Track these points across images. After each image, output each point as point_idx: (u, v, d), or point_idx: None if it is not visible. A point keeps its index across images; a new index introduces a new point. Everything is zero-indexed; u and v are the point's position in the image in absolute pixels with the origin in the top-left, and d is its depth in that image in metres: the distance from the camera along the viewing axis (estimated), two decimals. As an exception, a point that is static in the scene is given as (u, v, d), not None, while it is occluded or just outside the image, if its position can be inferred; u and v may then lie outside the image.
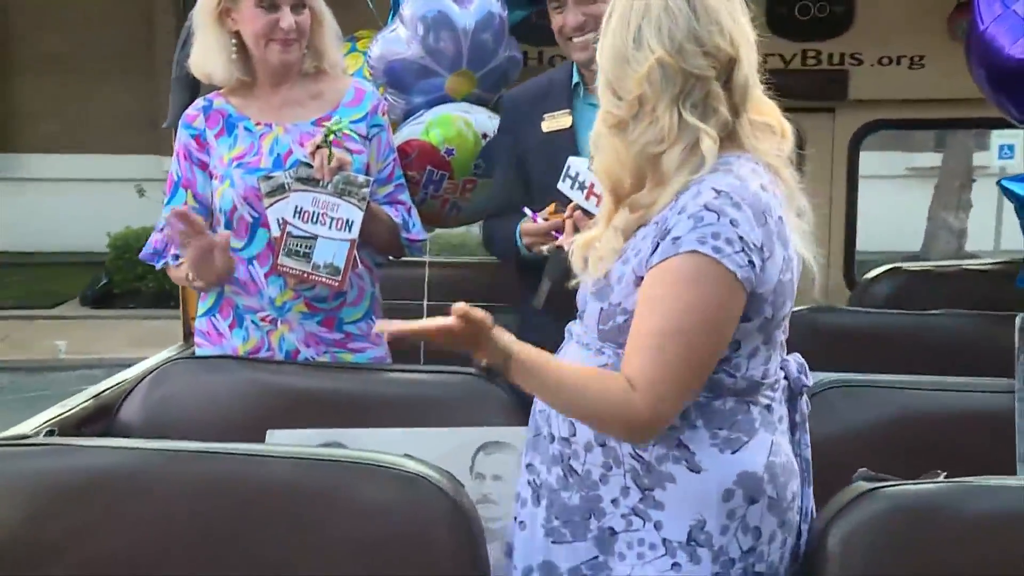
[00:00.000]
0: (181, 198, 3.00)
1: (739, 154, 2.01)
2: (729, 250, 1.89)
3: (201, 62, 2.97)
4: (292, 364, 2.95)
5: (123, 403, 2.84)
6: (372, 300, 3.10)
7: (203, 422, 2.75)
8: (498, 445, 2.69)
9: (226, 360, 2.94)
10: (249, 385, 2.84)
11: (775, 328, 2.04)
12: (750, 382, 2.02)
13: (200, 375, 2.89)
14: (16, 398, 9.54)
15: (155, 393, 2.84)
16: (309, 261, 2.86)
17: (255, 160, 2.94)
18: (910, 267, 4.58)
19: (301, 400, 2.80)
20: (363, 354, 3.04)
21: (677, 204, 1.95)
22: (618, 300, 2.02)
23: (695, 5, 1.96)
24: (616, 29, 2.01)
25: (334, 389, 2.85)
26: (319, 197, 2.84)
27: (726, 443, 2.00)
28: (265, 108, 3.00)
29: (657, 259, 1.93)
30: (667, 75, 1.94)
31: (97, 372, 10.21)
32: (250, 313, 2.99)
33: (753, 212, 1.92)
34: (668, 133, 1.96)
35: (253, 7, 2.87)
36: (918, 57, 4.28)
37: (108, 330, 11.66)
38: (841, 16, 4.25)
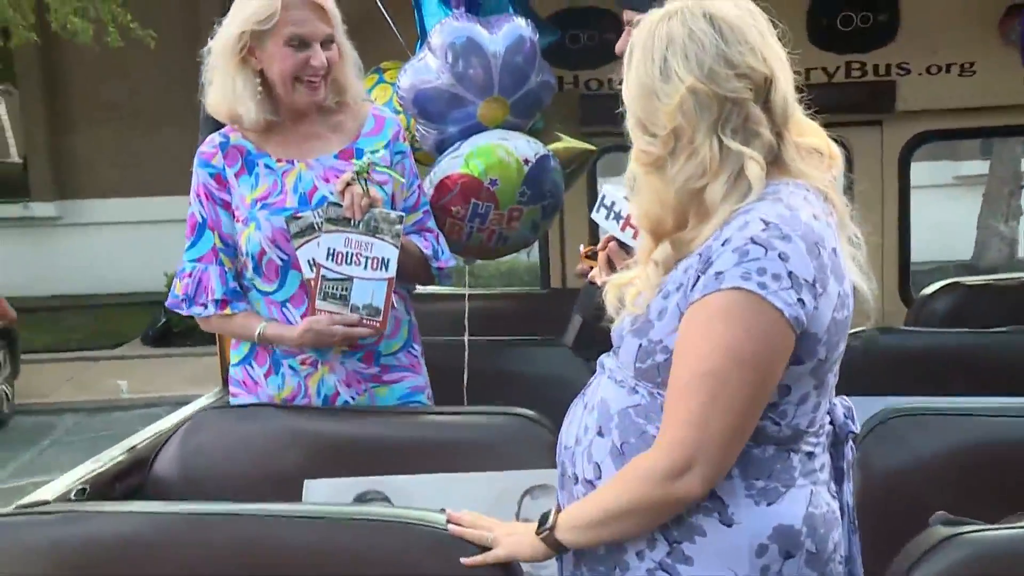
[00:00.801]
0: (208, 240, 2.83)
1: (787, 180, 1.82)
2: (776, 286, 1.71)
3: (226, 104, 2.78)
4: (329, 410, 2.79)
5: (158, 455, 2.72)
6: (410, 328, 2.94)
7: (239, 473, 2.63)
8: (544, 489, 2.50)
9: (261, 408, 2.80)
10: (285, 433, 2.70)
11: (828, 371, 1.84)
12: (795, 430, 1.83)
13: (235, 424, 2.76)
14: (81, 439, 9.49)
15: (190, 444, 2.71)
16: (347, 304, 2.70)
17: (280, 200, 2.77)
18: (969, 282, 4.32)
19: (339, 447, 2.66)
20: (400, 384, 2.88)
21: (721, 234, 1.76)
22: (659, 337, 1.83)
23: (720, 27, 1.79)
24: (640, 63, 1.84)
25: (373, 434, 2.70)
26: (351, 237, 2.68)
27: (762, 494, 1.81)
28: (285, 143, 2.83)
29: (697, 294, 1.76)
30: (701, 103, 1.78)
31: (158, 411, 10.15)
32: (288, 358, 2.83)
33: (805, 245, 1.73)
34: (710, 164, 1.78)
35: (282, 46, 2.70)
36: (968, 64, 4.04)
37: (168, 368, 11.65)
38: (885, 25, 4.02)
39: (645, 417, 1.85)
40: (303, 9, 2.70)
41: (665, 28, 1.81)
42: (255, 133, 2.83)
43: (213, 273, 2.81)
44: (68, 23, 10.93)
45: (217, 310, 2.81)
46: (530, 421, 2.64)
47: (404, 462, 2.57)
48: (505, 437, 2.64)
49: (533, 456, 2.55)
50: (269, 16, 2.67)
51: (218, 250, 2.82)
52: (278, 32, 2.69)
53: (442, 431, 2.71)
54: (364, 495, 2.54)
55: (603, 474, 1.88)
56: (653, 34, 1.82)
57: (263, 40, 2.71)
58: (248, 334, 2.82)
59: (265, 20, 2.67)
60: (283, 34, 2.69)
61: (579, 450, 1.93)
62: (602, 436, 1.89)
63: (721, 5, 1.82)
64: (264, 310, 2.82)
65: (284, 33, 2.69)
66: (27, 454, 8.99)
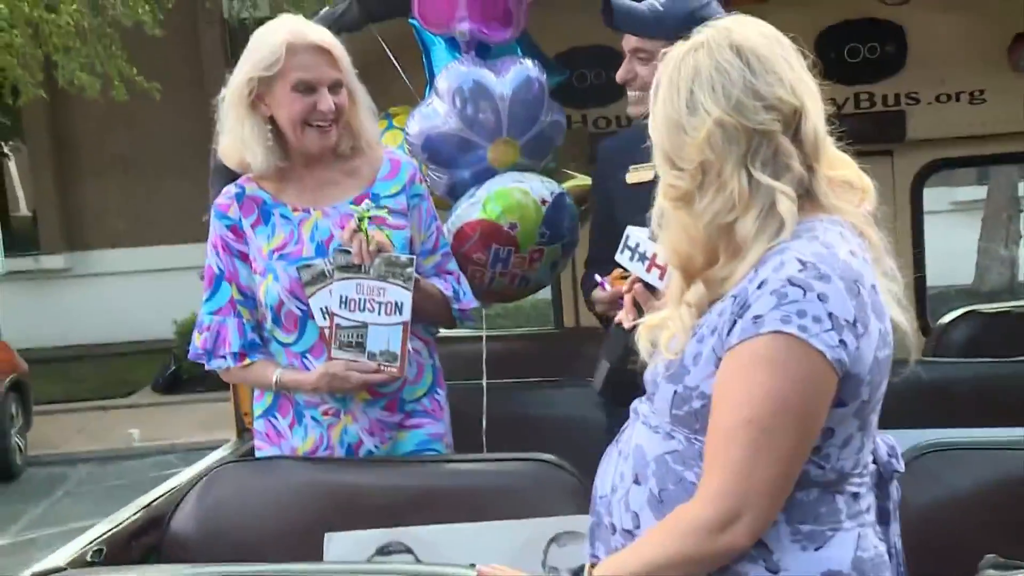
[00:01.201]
0: (226, 292, 2.75)
1: (821, 216, 1.73)
2: (817, 328, 1.62)
3: (236, 151, 2.73)
4: (349, 461, 2.70)
5: (175, 512, 2.62)
6: (434, 373, 2.84)
7: (259, 528, 2.54)
8: (571, 535, 2.41)
9: (279, 461, 2.71)
10: (305, 486, 2.61)
11: (871, 412, 1.76)
12: (840, 473, 1.75)
13: (253, 478, 2.66)
14: (94, 489, 9.40)
15: (207, 500, 2.61)
16: (363, 351, 2.62)
17: (297, 250, 2.70)
18: (987, 309, 4.24)
19: (360, 499, 2.56)
20: (419, 430, 2.78)
21: (756, 276, 1.68)
22: (695, 383, 1.74)
23: (747, 58, 1.72)
24: (666, 97, 1.77)
25: (394, 485, 2.61)
26: (363, 283, 2.60)
27: (809, 539, 1.72)
28: (301, 191, 2.75)
29: (736, 339, 1.67)
30: (728, 136, 1.70)
31: (171, 458, 10.13)
32: (310, 409, 2.74)
33: (844, 284, 1.65)
34: (739, 198, 1.70)
35: (289, 91, 2.63)
36: (978, 92, 3.97)
37: (179, 415, 11.55)
38: (893, 56, 3.95)
39: (683, 463, 1.76)
40: (309, 54, 2.64)
41: (692, 60, 1.75)
42: (271, 183, 2.77)
43: (231, 326, 2.74)
44: (75, 79, 10.93)
45: (236, 363, 2.74)
46: (553, 466, 2.55)
47: (426, 512, 2.47)
48: (528, 484, 2.55)
49: (558, 502, 2.47)
50: (274, 62, 2.61)
51: (236, 302, 2.75)
52: (284, 77, 2.63)
53: (464, 479, 2.62)
54: (387, 547, 2.45)
55: (642, 523, 1.79)
56: (679, 67, 1.76)
57: (271, 86, 2.64)
58: (266, 382, 2.74)
59: (271, 66, 2.61)
60: (289, 79, 2.63)
61: (615, 499, 1.84)
62: (639, 484, 1.81)
63: (748, 35, 1.75)
64: (284, 361, 2.74)
65: (290, 79, 2.62)
66: (40, 506, 8.87)
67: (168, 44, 12.36)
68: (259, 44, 2.66)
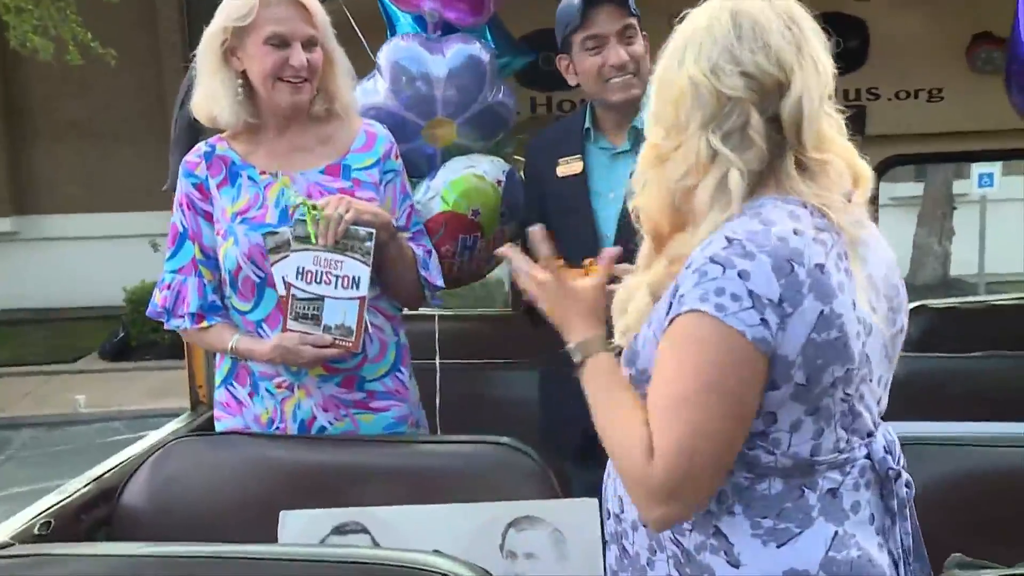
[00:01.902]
0: (189, 251, 2.65)
1: (777, 197, 1.65)
2: (735, 307, 1.54)
3: (206, 105, 2.61)
4: (305, 438, 2.60)
5: (126, 486, 2.51)
6: (398, 351, 2.73)
7: (212, 505, 2.44)
8: (530, 520, 2.35)
9: (233, 436, 2.61)
10: (260, 462, 2.51)
11: (823, 396, 1.62)
12: (797, 460, 1.64)
13: (206, 453, 2.57)
14: (38, 453, 9.18)
15: (159, 474, 2.51)
16: (319, 324, 2.52)
17: (260, 215, 2.59)
18: (937, 304, 4.22)
19: (316, 477, 2.48)
20: (386, 413, 2.68)
21: (693, 256, 1.61)
22: (644, 366, 1.69)
23: (740, 23, 1.64)
24: (666, 55, 1.71)
25: (351, 464, 2.52)
26: (320, 255, 2.50)
27: (770, 535, 1.64)
28: (271, 154, 2.64)
29: (667, 320, 1.62)
30: (700, 96, 1.63)
31: (116, 424, 9.96)
32: (264, 380, 2.64)
33: (773, 261, 1.55)
34: (697, 162, 1.63)
35: (261, 44, 2.52)
36: (937, 90, 3.96)
37: (127, 383, 11.33)
38: (855, 51, 3.91)
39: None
40: (283, 7, 2.53)
41: (692, 21, 1.70)
42: (242, 144, 2.65)
43: (191, 285, 2.64)
44: (28, 40, 10.63)
45: (193, 324, 2.64)
46: (513, 450, 2.48)
47: (384, 492, 2.40)
48: (488, 466, 2.48)
49: (517, 485, 2.41)
50: (247, 12, 2.50)
51: (198, 262, 2.64)
52: (257, 30, 2.52)
53: (423, 460, 2.54)
54: (343, 527, 2.37)
55: (624, 508, 1.76)
56: (682, 29, 1.70)
57: (243, 38, 2.53)
58: (222, 347, 2.65)
59: (243, 16, 2.50)
60: (262, 32, 2.52)
61: (609, 483, 1.82)
62: None
63: (755, 3, 1.67)
64: (242, 329, 2.65)
65: (263, 31, 2.52)
66: (-17, 470, 8.68)
67: (124, 10, 12.08)
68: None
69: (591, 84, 2.84)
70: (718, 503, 1.65)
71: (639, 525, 1.74)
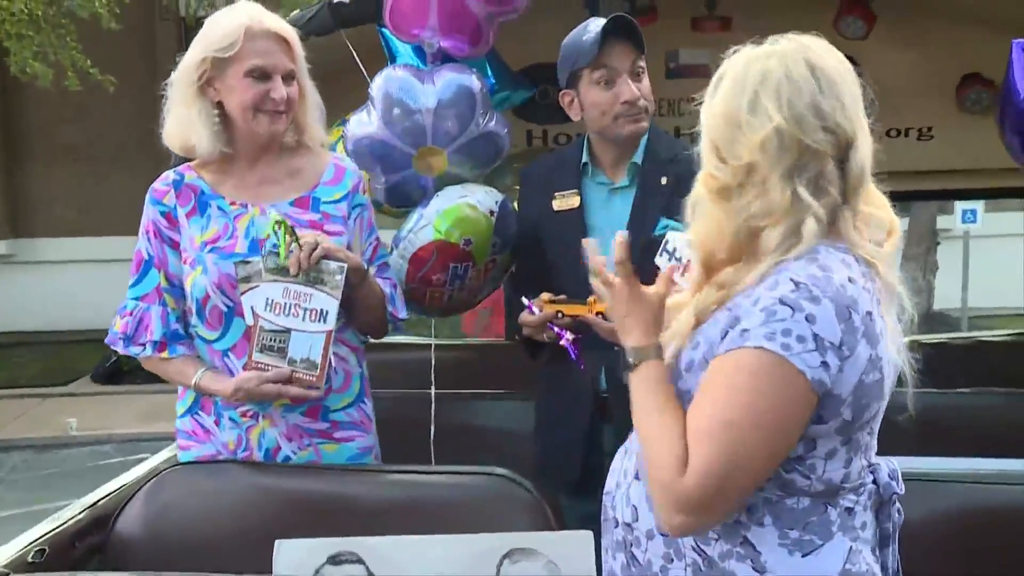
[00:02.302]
0: (154, 279, 2.62)
1: (830, 245, 1.72)
2: (800, 348, 1.63)
3: (181, 134, 2.59)
4: (300, 467, 2.58)
5: (120, 513, 2.48)
6: (362, 382, 2.72)
7: (206, 534, 2.42)
8: (525, 552, 2.31)
9: (229, 464, 2.58)
10: (255, 491, 2.49)
11: (858, 430, 1.75)
12: (828, 485, 1.75)
13: (201, 481, 2.54)
14: (29, 476, 9.06)
15: (154, 502, 2.48)
16: (284, 356, 2.50)
17: (230, 244, 2.57)
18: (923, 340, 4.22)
19: (312, 506, 2.45)
20: (350, 443, 2.67)
21: (754, 292, 1.68)
22: (686, 388, 1.77)
23: (819, 77, 1.72)
24: (729, 91, 1.76)
25: (347, 493, 2.50)
26: (290, 287, 2.49)
27: (796, 545, 1.73)
28: (241, 186, 2.63)
29: (723, 349, 1.69)
30: (783, 145, 1.70)
31: (107, 448, 9.85)
32: (228, 410, 2.62)
33: (835, 307, 1.64)
34: (778, 207, 1.71)
35: (242, 76, 2.51)
36: (927, 128, 3.98)
37: (118, 406, 11.22)
38: None
39: None
40: (267, 40, 2.53)
41: (762, 65, 1.75)
42: (211, 173, 2.64)
43: (155, 313, 2.61)
44: (28, 67, 10.61)
45: (154, 352, 2.61)
46: (508, 480, 2.46)
47: (379, 522, 2.36)
48: (483, 497, 2.46)
49: (512, 517, 2.38)
50: (231, 43, 2.49)
51: (162, 290, 2.62)
52: (239, 62, 2.51)
53: (418, 490, 2.52)
54: (338, 556, 2.33)
55: (639, 517, 1.83)
56: (748, 67, 1.76)
57: (223, 69, 2.52)
58: (185, 382, 2.62)
59: (226, 48, 2.49)
60: (244, 64, 2.51)
61: (619, 494, 1.88)
62: (639, 479, 1.85)
63: (824, 56, 1.75)
64: (206, 358, 2.62)
65: (246, 64, 2.51)
66: (-27, 492, 8.58)
67: (123, 37, 12.09)
68: (216, 26, 2.54)
69: (599, 119, 2.82)
70: (748, 514, 1.73)
71: (655, 534, 1.80)
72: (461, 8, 2.95)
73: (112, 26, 10.92)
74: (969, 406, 3.15)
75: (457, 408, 3.21)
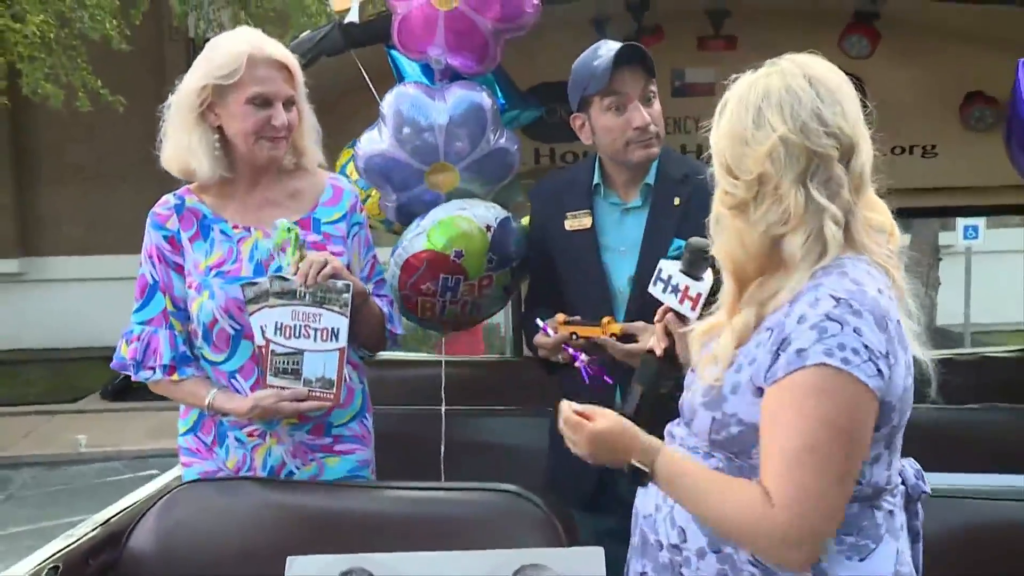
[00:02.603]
0: (160, 303, 2.63)
1: (850, 255, 1.77)
2: (857, 360, 1.69)
3: (181, 159, 2.60)
4: (312, 484, 2.58)
5: (133, 530, 2.48)
6: (363, 397, 2.74)
7: (218, 550, 2.41)
8: (535, 568, 2.30)
9: (241, 481, 2.58)
10: (267, 508, 2.48)
11: (898, 433, 1.85)
12: (875, 488, 1.83)
13: (214, 498, 2.53)
14: (38, 493, 9.05)
15: (167, 519, 2.48)
16: (299, 378, 2.51)
17: (235, 268, 2.58)
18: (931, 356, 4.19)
19: (323, 523, 2.45)
20: (351, 456, 2.68)
21: (792, 311, 1.72)
22: (732, 411, 1.82)
23: (817, 87, 1.79)
24: (734, 112, 1.84)
25: (357, 510, 2.49)
26: (298, 309, 2.50)
27: (853, 550, 1.80)
28: (243, 209, 2.64)
29: (781, 372, 1.73)
30: (790, 153, 1.76)
31: (116, 464, 9.85)
32: (234, 430, 2.62)
33: (875, 319, 1.69)
34: (794, 213, 1.77)
35: (243, 103, 2.52)
36: (931, 146, 3.98)
37: (126, 423, 11.19)
38: None
39: None
40: (268, 68, 2.54)
41: (763, 83, 1.82)
42: (212, 196, 2.64)
43: (163, 337, 2.62)
44: (39, 87, 10.66)
45: (165, 375, 2.61)
46: (519, 498, 2.46)
47: (390, 538, 2.37)
48: (493, 514, 2.46)
49: (522, 533, 2.38)
50: (233, 71, 2.50)
51: (168, 313, 2.63)
52: (241, 89, 2.52)
53: (429, 507, 2.51)
54: (349, 572, 2.32)
55: (688, 537, 1.86)
56: (751, 87, 1.83)
57: (224, 96, 2.53)
58: (197, 403, 2.61)
59: (228, 75, 2.50)
60: (246, 92, 2.52)
61: (660, 517, 1.90)
62: None
63: (822, 69, 1.82)
64: (212, 379, 2.63)
65: (247, 91, 2.52)
66: (-18, 508, 8.57)
67: (133, 59, 12.14)
68: (217, 52, 2.54)
69: (611, 144, 2.81)
70: None
71: (707, 551, 1.83)
72: (468, 26, 2.96)
73: (122, 47, 10.97)
74: (974, 422, 3.14)
75: (467, 425, 3.21)
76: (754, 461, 1.81)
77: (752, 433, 1.79)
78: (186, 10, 12.45)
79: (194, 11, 12.76)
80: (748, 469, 1.83)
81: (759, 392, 1.77)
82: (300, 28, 11.32)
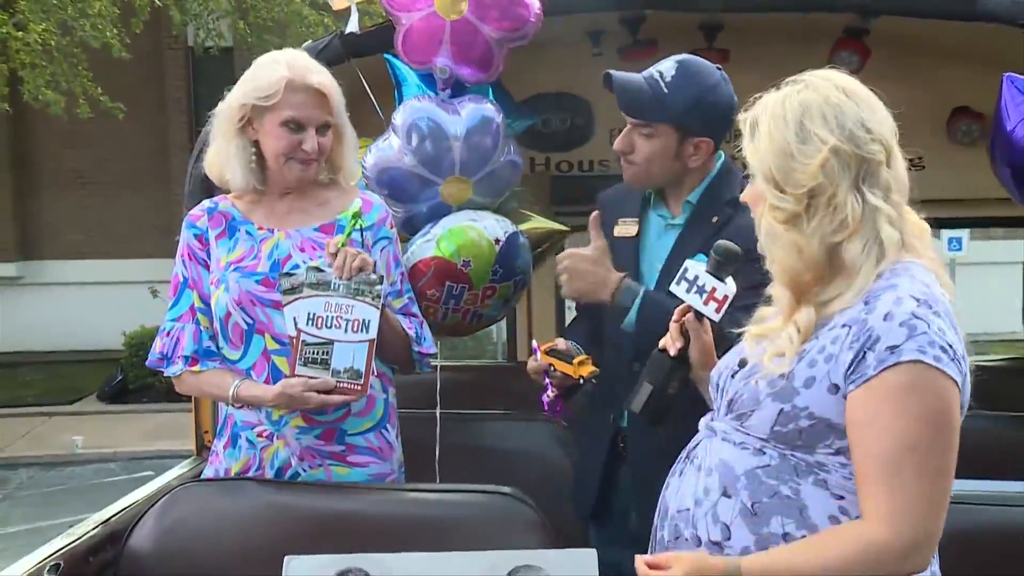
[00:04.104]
0: (188, 299, 2.64)
1: (905, 259, 1.79)
2: (946, 358, 1.69)
3: (219, 166, 2.65)
4: (311, 485, 2.57)
5: (133, 529, 2.47)
6: (386, 408, 2.70)
7: (218, 549, 2.41)
8: (530, 569, 2.31)
9: (241, 482, 2.58)
10: (266, 508, 2.48)
11: None
12: None
13: (214, 498, 2.53)
14: (35, 493, 9.03)
15: (167, 518, 2.47)
16: (328, 368, 2.49)
17: (253, 264, 2.60)
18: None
19: (321, 523, 2.44)
20: (364, 468, 2.64)
21: (875, 309, 1.73)
22: (804, 404, 1.78)
23: (853, 96, 1.81)
24: (773, 128, 1.82)
25: (355, 511, 2.49)
26: (331, 300, 2.49)
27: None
28: (270, 214, 2.67)
29: (872, 370, 1.71)
30: (843, 162, 1.77)
31: (112, 466, 9.84)
32: (246, 429, 2.62)
33: (949, 319, 1.74)
34: (852, 219, 1.77)
35: (278, 125, 2.56)
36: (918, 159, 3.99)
37: (123, 424, 11.21)
38: None
39: (776, 478, 1.82)
40: (305, 94, 2.57)
41: (797, 98, 1.81)
42: (244, 202, 2.68)
43: (188, 331, 2.63)
44: (40, 94, 10.65)
45: (186, 366, 2.61)
46: (514, 500, 2.46)
47: (387, 539, 2.36)
48: (488, 516, 2.45)
49: (517, 535, 2.38)
50: (271, 94, 2.54)
51: (196, 309, 2.63)
52: (276, 111, 2.56)
53: (425, 509, 2.51)
54: (346, 572, 2.32)
55: (732, 535, 1.83)
56: (783, 104, 1.82)
57: (261, 115, 2.58)
58: (222, 393, 2.60)
59: (267, 97, 2.54)
60: (281, 115, 2.56)
61: (700, 512, 1.87)
62: (729, 497, 1.86)
63: (848, 80, 1.84)
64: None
65: (282, 115, 2.56)
66: (-20, 508, 8.55)
67: (133, 66, 12.14)
68: (260, 73, 2.58)
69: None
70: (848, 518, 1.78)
71: (753, 550, 1.81)
72: (473, 35, 2.97)
73: (122, 55, 10.98)
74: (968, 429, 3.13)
75: (462, 429, 3.21)
76: (815, 457, 1.80)
77: (822, 428, 1.78)
78: (185, 20, 12.45)
79: (193, 21, 12.76)
80: (803, 466, 1.82)
81: (835, 389, 1.75)
82: (298, 38, 11.33)
